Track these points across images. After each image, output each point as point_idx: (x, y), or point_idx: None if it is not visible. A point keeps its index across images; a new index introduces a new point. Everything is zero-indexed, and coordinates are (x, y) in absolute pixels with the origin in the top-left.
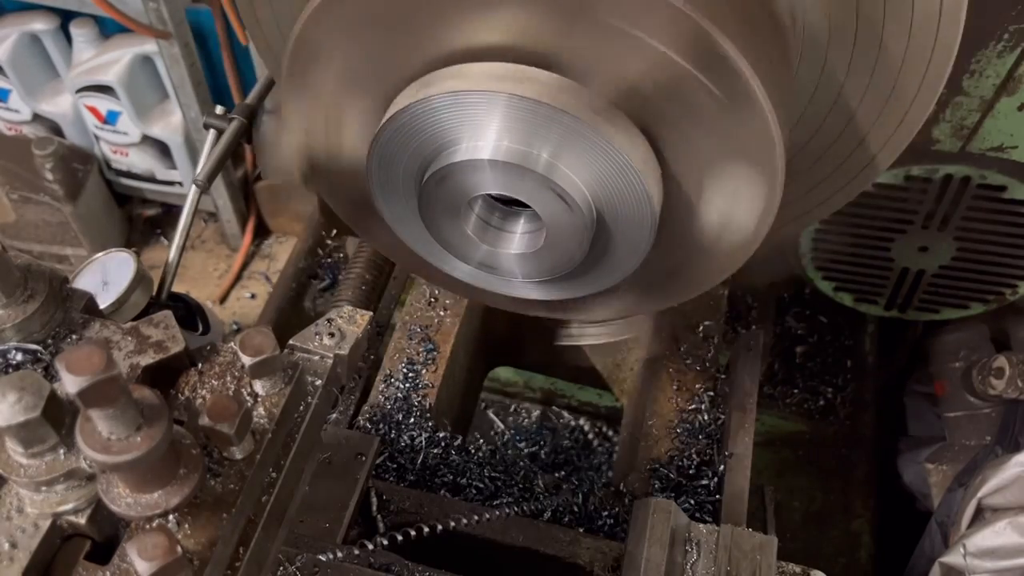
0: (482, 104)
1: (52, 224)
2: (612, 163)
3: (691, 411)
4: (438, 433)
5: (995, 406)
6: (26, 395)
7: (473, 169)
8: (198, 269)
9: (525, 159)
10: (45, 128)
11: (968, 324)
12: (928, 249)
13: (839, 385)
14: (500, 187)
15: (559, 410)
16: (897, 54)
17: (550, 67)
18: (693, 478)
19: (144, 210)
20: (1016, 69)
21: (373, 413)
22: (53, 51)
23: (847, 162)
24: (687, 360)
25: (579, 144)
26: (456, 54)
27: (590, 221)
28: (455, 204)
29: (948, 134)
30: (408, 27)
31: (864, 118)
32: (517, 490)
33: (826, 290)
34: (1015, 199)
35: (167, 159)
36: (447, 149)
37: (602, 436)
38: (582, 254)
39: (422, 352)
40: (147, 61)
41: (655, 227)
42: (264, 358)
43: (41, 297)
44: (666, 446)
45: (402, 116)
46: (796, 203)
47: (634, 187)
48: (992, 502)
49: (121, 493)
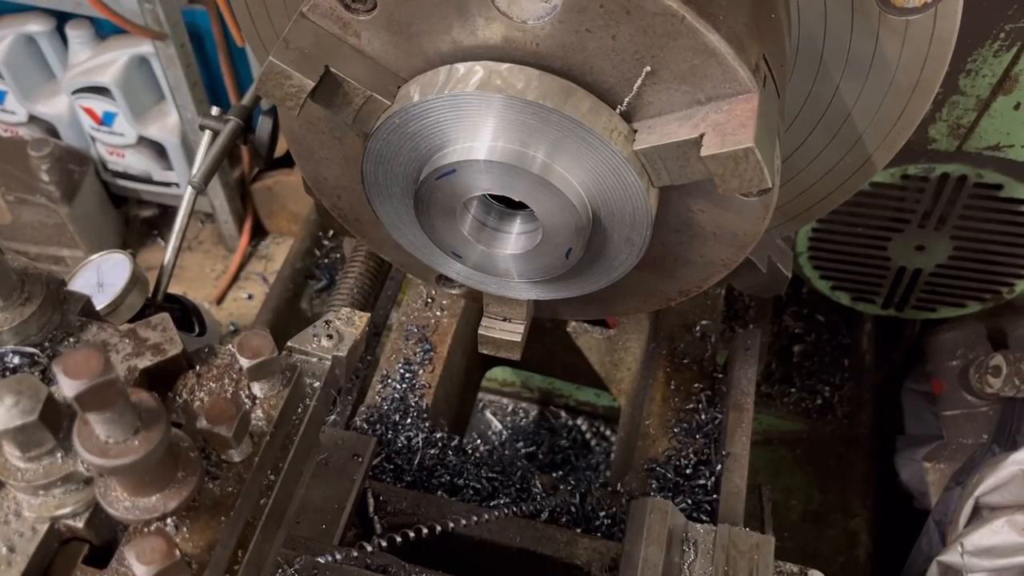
0: (477, 105)
1: (48, 225)
2: (609, 163)
3: (688, 411)
4: (435, 433)
5: (992, 404)
6: (23, 398)
7: (469, 170)
8: (195, 270)
9: (521, 159)
10: (41, 129)
11: (965, 323)
12: (925, 248)
13: (837, 384)
14: (496, 187)
15: (556, 410)
16: (893, 55)
17: (545, 67)
18: (690, 478)
19: (140, 211)
20: (1012, 68)
21: (370, 414)
22: (49, 52)
23: (843, 162)
24: (684, 360)
25: (575, 144)
26: (451, 53)
27: (586, 221)
28: (451, 205)
29: (944, 133)
30: (404, 27)
31: (860, 117)
32: (514, 490)
33: (823, 289)
34: (1012, 198)
35: (163, 160)
36: (442, 150)
37: (600, 436)
38: (578, 254)
39: (419, 353)
40: (143, 62)
41: (651, 227)
42: (262, 360)
43: (38, 300)
44: (663, 446)
45: (396, 118)
46: (791, 203)
47: (630, 187)
48: (990, 500)
49: (119, 496)
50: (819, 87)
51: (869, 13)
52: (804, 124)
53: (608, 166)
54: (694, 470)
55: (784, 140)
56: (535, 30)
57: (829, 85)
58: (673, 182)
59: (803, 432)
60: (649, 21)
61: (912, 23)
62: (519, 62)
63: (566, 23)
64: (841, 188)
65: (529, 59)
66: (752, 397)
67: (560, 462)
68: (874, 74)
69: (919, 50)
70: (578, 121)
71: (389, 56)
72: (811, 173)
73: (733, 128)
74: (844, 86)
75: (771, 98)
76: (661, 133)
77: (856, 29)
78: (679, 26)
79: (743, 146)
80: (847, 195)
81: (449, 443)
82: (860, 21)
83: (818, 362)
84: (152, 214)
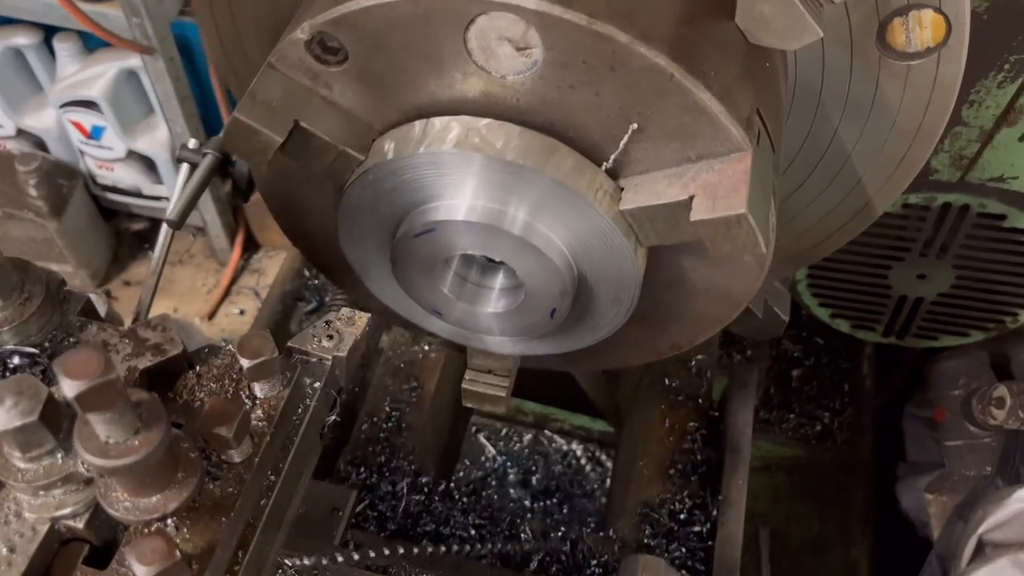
0: (456, 163)
1: (37, 241)
2: (594, 224)
3: (684, 451)
4: (420, 478)
5: (995, 435)
6: (24, 399)
7: (447, 229)
8: (186, 284)
9: (501, 220)
10: (29, 143)
11: (968, 350)
12: (926, 277)
13: (836, 409)
14: (476, 247)
15: (551, 434)
16: (894, 99)
17: (527, 123)
18: (685, 523)
19: (131, 224)
20: (1017, 100)
21: (354, 456)
22: (37, 66)
23: (842, 204)
24: (679, 396)
25: (559, 203)
26: (428, 106)
27: (571, 282)
28: (430, 262)
29: (947, 164)
30: (378, 79)
31: (860, 160)
32: (503, 538)
33: (823, 317)
34: (1016, 228)
35: (153, 174)
36: (420, 207)
37: (595, 461)
38: (563, 314)
39: (406, 390)
40: (132, 75)
41: (639, 287)
42: (262, 361)
43: (38, 300)
44: (657, 488)
45: (371, 174)
46: (789, 245)
47: (618, 248)
48: (993, 538)
49: (119, 497)
50: (817, 128)
51: (869, 57)
52: (802, 165)
53: (593, 226)
54: (689, 515)
55: (782, 181)
56: (515, 85)
57: (828, 127)
58: (662, 243)
59: (802, 458)
60: (635, 77)
61: (914, 68)
62: (499, 117)
63: (547, 79)
64: (841, 231)
65: (510, 114)
66: (749, 438)
67: (555, 488)
68: (874, 118)
69: (921, 96)
70: (560, 181)
71: (362, 108)
72: (810, 215)
73: (725, 191)
74: (843, 128)
75: (765, 154)
76: (649, 192)
77: (855, 72)
78: (668, 83)
79: (735, 212)
80: (847, 238)
81: (435, 488)
82: (860, 65)
83: (817, 386)
84: (143, 227)
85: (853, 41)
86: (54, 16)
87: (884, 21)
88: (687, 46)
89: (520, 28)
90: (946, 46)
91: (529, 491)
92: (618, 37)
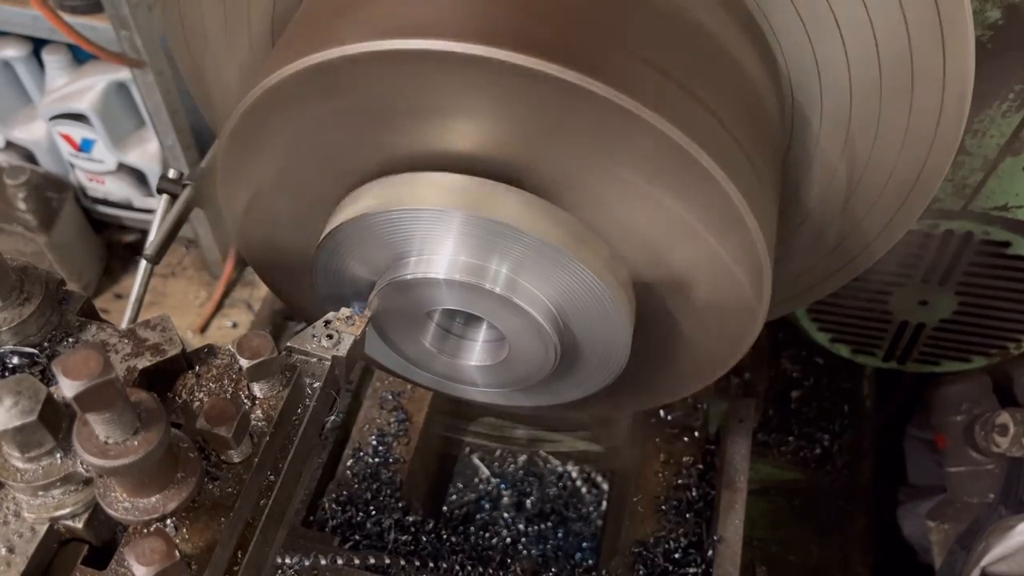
0: (437, 220)
1: (27, 254)
2: (580, 281)
3: (679, 487)
4: (408, 516)
5: (998, 461)
6: (22, 399)
7: (427, 286)
8: (178, 297)
9: (482, 277)
10: (19, 156)
11: (970, 375)
12: (928, 303)
13: (836, 432)
14: (457, 304)
15: (546, 455)
16: (897, 136)
17: (511, 180)
18: (680, 563)
19: (123, 236)
20: (1021, 130)
21: (340, 492)
22: (25, 78)
23: (841, 247)
24: (675, 430)
25: (543, 262)
26: (410, 159)
27: (556, 339)
28: (411, 317)
29: (950, 193)
30: (361, 128)
31: (860, 203)
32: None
33: (822, 341)
34: (1020, 255)
35: (144, 187)
36: (399, 262)
37: (590, 482)
38: (548, 369)
39: (393, 423)
40: (122, 88)
41: (629, 345)
42: (262, 360)
43: (37, 300)
44: (652, 526)
45: (348, 227)
46: (786, 285)
47: (605, 305)
48: (996, 570)
49: (119, 497)
50: (816, 168)
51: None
52: (798, 209)
53: (582, 284)
54: (684, 554)
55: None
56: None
57: (827, 167)
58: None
59: (801, 482)
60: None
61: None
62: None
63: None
64: (839, 273)
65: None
66: (746, 475)
67: (549, 511)
68: (875, 157)
69: (926, 131)
70: (549, 243)
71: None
72: (805, 258)
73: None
74: (842, 169)
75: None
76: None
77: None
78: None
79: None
80: (845, 280)
81: (423, 527)
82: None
83: (817, 408)
84: (134, 239)
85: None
86: (42, 29)
87: None
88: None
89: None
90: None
91: (523, 514)
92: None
